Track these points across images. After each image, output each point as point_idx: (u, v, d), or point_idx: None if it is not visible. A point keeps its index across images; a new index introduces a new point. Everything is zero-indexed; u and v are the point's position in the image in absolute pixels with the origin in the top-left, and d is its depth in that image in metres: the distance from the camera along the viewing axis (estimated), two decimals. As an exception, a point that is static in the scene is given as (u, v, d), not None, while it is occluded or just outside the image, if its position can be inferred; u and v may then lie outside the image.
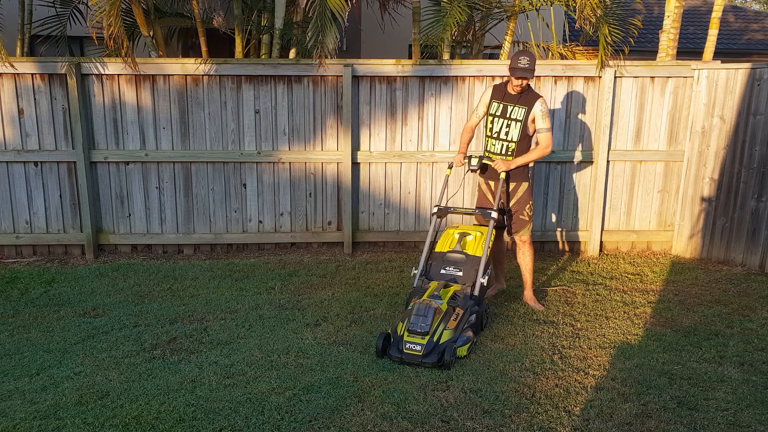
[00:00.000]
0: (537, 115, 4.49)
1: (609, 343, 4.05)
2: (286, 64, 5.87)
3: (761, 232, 5.54)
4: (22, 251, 6.04)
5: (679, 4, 6.46)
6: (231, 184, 6.04)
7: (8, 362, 3.78)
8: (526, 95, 4.52)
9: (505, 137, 4.59)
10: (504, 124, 4.57)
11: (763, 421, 3.11)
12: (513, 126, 4.54)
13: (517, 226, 4.73)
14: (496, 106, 4.60)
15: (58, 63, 5.64)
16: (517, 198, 4.69)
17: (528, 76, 4.37)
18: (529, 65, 4.37)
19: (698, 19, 14.31)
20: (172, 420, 3.07)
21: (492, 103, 4.63)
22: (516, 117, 4.52)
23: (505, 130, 4.57)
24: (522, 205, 4.69)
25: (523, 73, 4.36)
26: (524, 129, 4.53)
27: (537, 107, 4.48)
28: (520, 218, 4.71)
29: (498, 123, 4.60)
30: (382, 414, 3.13)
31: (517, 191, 4.68)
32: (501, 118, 4.58)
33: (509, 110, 4.54)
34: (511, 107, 4.53)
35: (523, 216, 4.71)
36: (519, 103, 4.51)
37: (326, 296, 4.95)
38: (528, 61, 4.37)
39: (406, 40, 8.87)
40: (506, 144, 4.59)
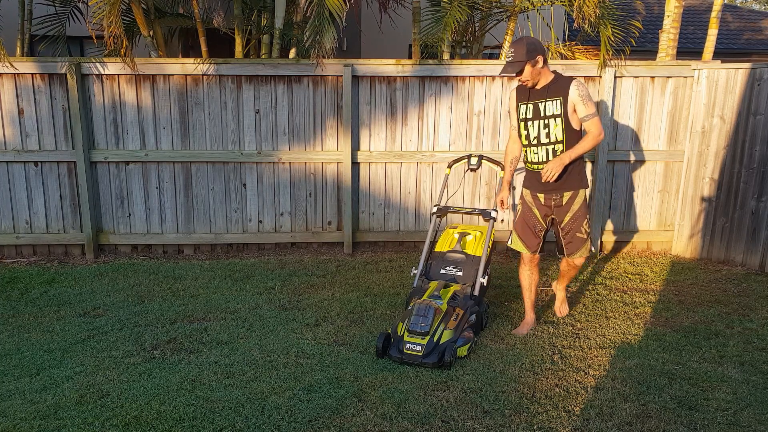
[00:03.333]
0: (576, 102, 3.70)
1: (609, 343, 4.05)
2: (286, 64, 5.87)
3: (761, 232, 5.54)
4: (22, 251, 6.04)
5: (679, 4, 6.46)
6: (231, 184, 6.04)
7: (8, 362, 3.78)
8: (555, 84, 3.76)
9: (548, 140, 3.81)
10: (541, 125, 3.82)
11: (763, 421, 3.11)
12: (553, 124, 3.78)
13: (574, 247, 3.94)
14: (525, 108, 3.86)
15: (58, 63, 5.64)
16: (573, 212, 3.88)
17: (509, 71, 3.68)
18: (513, 57, 3.66)
19: (698, 19, 14.31)
20: (172, 420, 3.06)
21: (520, 107, 3.90)
22: (553, 112, 3.77)
23: (544, 131, 3.80)
24: (579, 221, 3.90)
25: (510, 69, 3.68)
26: (568, 123, 3.75)
27: (573, 92, 3.69)
28: (577, 237, 3.90)
29: (534, 127, 3.84)
30: (382, 414, 3.13)
31: (572, 203, 3.88)
32: (535, 119, 3.83)
33: (542, 107, 3.80)
34: (542, 103, 3.78)
35: (580, 234, 3.91)
36: (550, 95, 3.76)
37: (326, 296, 4.95)
38: (512, 53, 3.67)
39: (406, 40, 8.88)
40: (552, 147, 3.82)
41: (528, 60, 3.65)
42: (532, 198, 3.98)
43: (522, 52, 3.64)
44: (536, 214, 3.99)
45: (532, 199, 3.98)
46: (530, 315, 4.28)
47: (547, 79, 3.77)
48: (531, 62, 3.66)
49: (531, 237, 4.08)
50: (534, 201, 3.97)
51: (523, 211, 4.06)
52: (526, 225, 4.06)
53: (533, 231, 4.06)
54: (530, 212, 4.00)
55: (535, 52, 3.66)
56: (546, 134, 3.80)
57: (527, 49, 3.64)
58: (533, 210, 3.99)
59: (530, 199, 3.99)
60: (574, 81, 3.71)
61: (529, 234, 4.08)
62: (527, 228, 4.06)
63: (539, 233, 4.07)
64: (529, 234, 4.08)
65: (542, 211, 4.00)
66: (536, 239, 4.08)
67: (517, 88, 3.94)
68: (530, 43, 3.67)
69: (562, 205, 3.89)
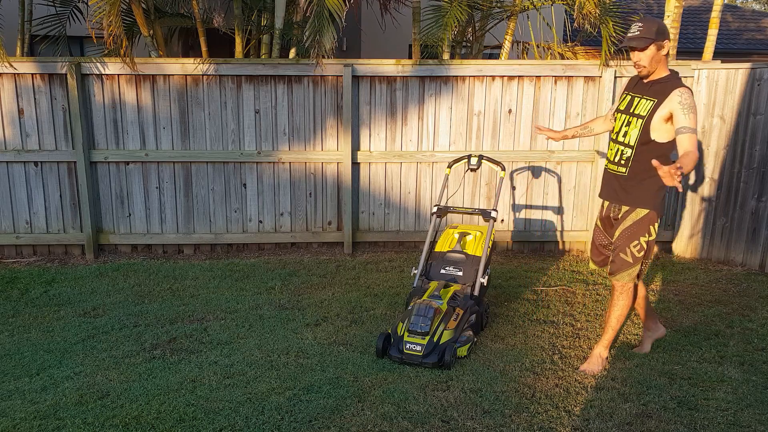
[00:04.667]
0: (676, 110, 3.23)
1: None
2: (286, 64, 5.87)
3: (761, 232, 5.54)
4: (22, 251, 6.04)
5: (679, 4, 6.46)
6: (231, 184, 6.04)
7: (8, 362, 3.78)
8: (661, 83, 3.35)
9: (623, 139, 3.44)
10: (624, 121, 3.45)
11: (763, 421, 3.11)
12: (633, 124, 3.39)
13: (615, 266, 3.53)
14: (624, 98, 3.52)
15: (58, 63, 5.64)
16: (624, 227, 3.48)
17: (634, 44, 3.27)
18: (641, 32, 3.26)
19: (698, 19, 14.32)
20: (172, 420, 3.06)
21: (623, 96, 3.55)
22: (640, 112, 3.37)
23: (624, 129, 3.43)
24: (627, 239, 3.46)
25: (628, 42, 3.29)
26: (646, 130, 3.33)
27: (675, 99, 3.23)
28: (619, 256, 3.49)
29: (620, 120, 3.47)
30: (382, 414, 3.13)
31: (627, 218, 3.47)
32: (624, 113, 3.46)
33: (635, 103, 3.40)
34: (638, 99, 3.40)
35: (624, 255, 3.47)
36: (648, 93, 3.36)
37: (326, 296, 4.95)
38: (639, 27, 3.28)
39: (406, 40, 8.88)
40: (621, 149, 3.45)
41: (656, 40, 3.26)
42: (600, 206, 3.70)
43: (652, 29, 3.26)
44: (599, 224, 3.71)
45: (600, 208, 3.70)
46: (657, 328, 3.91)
47: (659, 74, 3.38)
48: (657, 44, 3.28)
49: (595, 251, 3.82)
50: (600, 209, 3.69)
51: (595, 223, 3.80)
52: (592, 238, 3.85)
53: (596, 244, 3.79)
54: (597, 224, 3.74)
55: (664, 36, 3.29)
56: (624, 132, 3.43)
57: (658, 28, 3.27)
58: (598, 221, 3.72)
59: (599, 208, 3.72)
60: (681, 87, 3.26)
61: (593, 248, 3.83)
62: (593, 240, 3.82)
63: (602, 248, 3.74)
64: (593, 248, 3.83)
65: (605, 221, 3.68)
66: (600, 254, 3.77)
67: (631, 78, 3.58)
68: (662, 24, 3.32)
69: (618, 218, 3.53)
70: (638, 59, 3.33)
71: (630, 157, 3.41)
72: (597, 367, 3.63)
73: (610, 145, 3.55)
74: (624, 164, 3.44)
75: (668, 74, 3.38)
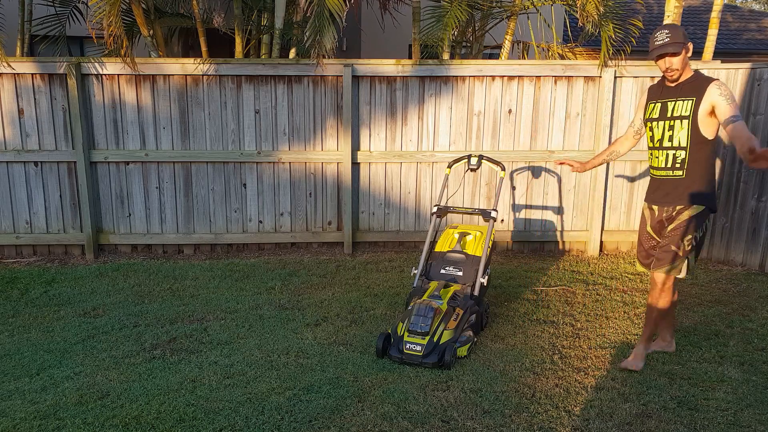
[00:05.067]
0: (718, 103, 3.25)
1: (609, 343, 4.05)
2: (286, 64, 5.87)
3: (761, 232, 5.54)
4: (22, 251, 6.04)
5: (679, 4, 6.45)
6: (231, 184, 6.04)
7: (8, 362, 3.78)
8: (691, 83, 3.39)
9: (670, 144, 3.43)
10: (666, 126, 3.44)
11: (763, 421, 3.11)
12: (678, 126, 3.39)
13: (660, 260, 3.51)
14: (653, 107, 3.53)
15: (58, 63, 5.64)
16: (676, 223, 3.47)
17: (670, 51, 3.30)
18: (671, 38, 3.29)
19: (698, 19, 14.31)
20: (172, 420, 3.06)
21: (648, 106, 3.58)
22: (681, 113, 3.39)
23: (668, 134, 3.43)
24: (678, 234, 3.45)
25: (663, 49, 3.30)
26: (695, 129, 3.35)
27: (713, 92, 3.27)
28: (670, 248, 3.46)
29: (659, 128, 3.48)
30: (382, 414, 3.13)
31: (680, 215, 3.46)
32: (661, 120, 3.47)
33: (670, 107, 3.43)
34: (672, 103, 3.43)
35: (675, 246, 3.45)
36: (682, 94, 3.39)
37: (326, 296, 4.95)
38: (667, 33, 3.31)
39: (406, 40, 8.88)
40: (673, 153, 3.43)
41: (685, 43, 3.33)
42: (648, 211, 3.66)
43: (680, 34, 3.31)
44: (649, 230, 3.65)
45: (648, 212, 3.65)
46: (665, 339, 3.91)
47: (686, 75, 3.42)
48: (686, 48, 3.34)
49: (644, 254, 3.78)
50: (649, 214, 3.64)
51: (640, 228, 3.77)
52: (640, 242, 3.79)
53: (644, 247, 3.75)
54: (644, 228, 3.71)
55: (688, 39, 3.36)
56: (670, 137, 3.43)
57: (683, 32, 3.33)
58: (647, 225, 3.67)
59: (646, 212, 3.67)
60: (715, 81, 3.30)
61: (641, 251, 3.79)
62: (640, 245, 3.79)
63: (651, 250, 3.69)
64: (641, 251, 3.79)
65: (656, 226, 3.62)
66: (648, 257, 3.73)
67: (650, 88, 3.64)
68: (683, 30, 3.38)
69: (672, 216, 3.51)
70: (670, 65, 3.36)
71: (685, 158, 3.42)
72: (639, 362, 3.65)
73: (655, 153, 3.53)
74: (680, 167, 3.44)
75: (694, 74, 3.43)
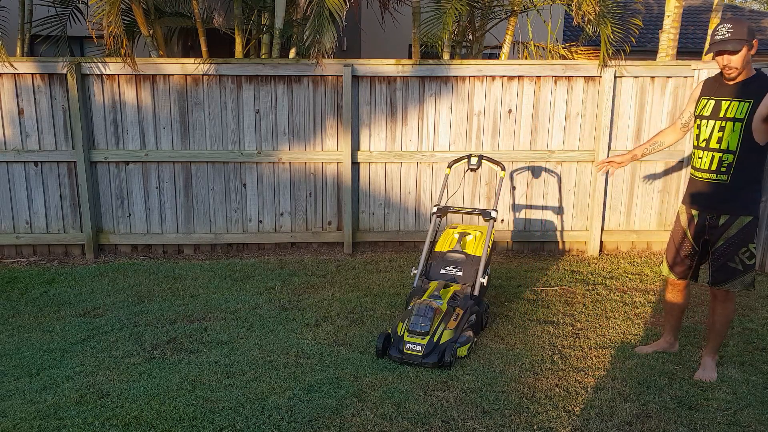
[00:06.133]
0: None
1: (609, 343, 4.05)
2: (286, 64, 5.87)
3: (761, 232, 5.54)
4: (22, 251, 6.04)
5: (679, 4, 6.46)
6: (231, 184, 6.04)
7: (8, 362, 3.78)
8: (752, 83, 3.20)
9: (718, 146, 3.26)
10: (716, 127, 3.27)
11: (763, 421, 3.11)
12: (729, 128, 3.22)
13: (722, 275, 3.36)
14: (705, 104, 3.34)
15: (58, 63, 5.64)
16: (728, 235, 3.31)
17: (729, 48, 3.12)
18: (732, 34, 3.10)
19: (698, 19, 14.32)
20: (172, 420, 3.07)
21: (700, 102, 3.38)
22: (735, 115, 3.20)
23: (717, 135, 3.26)
24: (734, 248, 3.31)
25: (722, 45, 3.13)
26: (748, 133, 3.16)
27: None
28: (728, 266, 3.33)
29: (707, 127, 3.30)
30: (382, 414, 3.13)
31: (729, 227, 3.31)
32: (712, 119, 3.29)
33: (724, 106, 3.24)
34: (726, 103, 3.24)
35: (733, 263, 3.31)
36: (740, 95, 3.19)
37: (326, 296, 4.95)
38: (729, 28, 3.12)
39: (406, 40, 8.88)
40: (720, 156, 3.26)
41: (749, 40, 3.12)
42: (686, 215, 3.48)
43: (744, 30, 3.10)
44: (687, 233, 3.48)
45: (686, 217, 3.48)
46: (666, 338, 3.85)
47: (747, 74, 3.23)
48: (749, 45, 3.14)
49: (677, 260, 3.60)
50: (687, 218, 3.47)
51: (674, 231, 3.59)
52: (673, 246, 3.59)
53: (680, 254, 3.56)
54: (680, 231, 3.52)
55: (754, 36, 3.13)
56: (718, 139, 3.24)
57: (749, 28, 3.11)
58: (685, 229, 3.48)
59: (684, 217, 3.50)
60: None
61: (674, 256, 3.60)
62: (675, 251, 3.58)
63: (686, 258, 3.55)
64: (674, 256, 3.60)
65: (695, 229, 3.46)
66: (682, 265, 3.58)
67: (705, 81, 3.45)
68: (751, 25, 3.18)
69: (717, 227, 3.34)
70: (728, 62, 3.18)
71: (732, 163, 3.24)
72: (713, 373, 3.54)
73: (698, 153, 3.37)
74: (725, 171, 3.26)
75: (756, 73, 3.25)
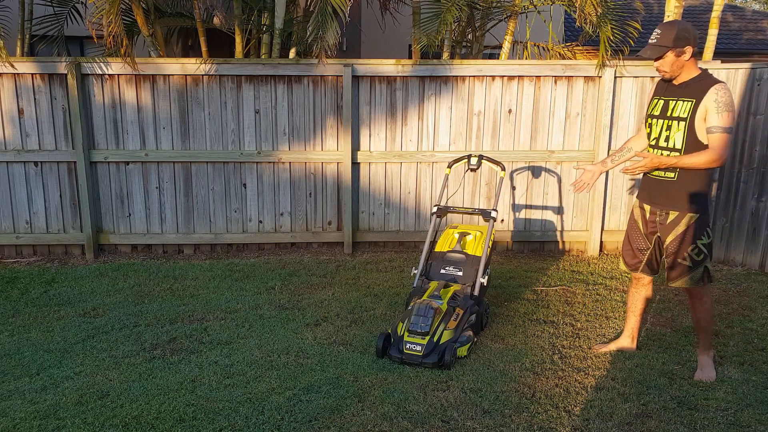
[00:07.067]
0: (710, 108, 3.15)
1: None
2: (286, 64, 5.87)
3: (761, 232, 5.54)
4: (22, 251, 6.04)
5: (679, 4, 6.45)
6: (231, 184, 6.04)
7: (8, 362, 3.78)
8: (695, 83, 3.26)
9: (666, 144, 3.34)
10: (664, 126, 3.36)
11: (763, 421, 3.11)
12: (675, 127, 3.30)
13: (675, 273, 3.45)
14: (656, 103, 3.43)
15: (58, 63, 5.64)
16: (676, 234, 3.39)
17: (646, 55, 3.26)
18: (658, 40, 3.21)
19: (698, 19, 14.30)
20: (172, 420, 3.07)
21: (653, 101, 3.47)
22: (679, 114, 3.28)
23: (665, 134, 3.34)
24: (684, 245, 3.38)
25: (642, 52, 3.28)
26: (692, 132, 3.24)
27: (711, 96, 3.16)
28: (677, 262, 3.42)
29: (657, 126, 3.38)
30: (382, 414, 3.13)
31: (677, 225, 3.38)
32: (660, 118, 3.38)
33: (671, 106, 3.32)
34: (673, 102, 3.32)
35: (682, 260, 3.40)
36: (684, 95, 3.27)
37: (326, 296, 4.95)
38: (657, 34, 3.23)
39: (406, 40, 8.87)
40: (668, 154, 3.35)
41: (673, 47, 3.20)
42: (639, 209, 3.58)
43: (669, 36, 3.18)
44: (640, 228, 3.58)
45: (639, 211, 3.58)
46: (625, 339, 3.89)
47: (689, 75, 3.29)
48: (676, 51, 3.21)
49: (630, 254, 3.68)
50: (640, 213, 3.57)
51: (629, 225, 3.67)
52: (628, 240, 3.69)
53: (633, 248, 3.66)
54: (635, 226, 3.61)
55: (686, 41, 3.19)
56: (666, 137, 3.33)
57: (677, 35, 3.17)
58: (638, 224, 3.58)
59: (637, 211, 3.59)
60: (718, 84, 3.17)
61: (628, 250, 3.69)
62: (628, 244, 3.69)
63: (640, 252, 3.63)
64: (628, 250, 3.69)
65: (647, 227, 3.56)
66: (635, 258, 3.66)
67: (658, 82, 3.51)
68: (682, 29, 3.20)
69: (665, 224, 3.42)
70: (659, 65, 3.29)
71: None
72: (710, 372, 3.54)
73: (651, 152, 3.44)
74: (673, 169, 3.33)
75: (701, 73, 3.30)
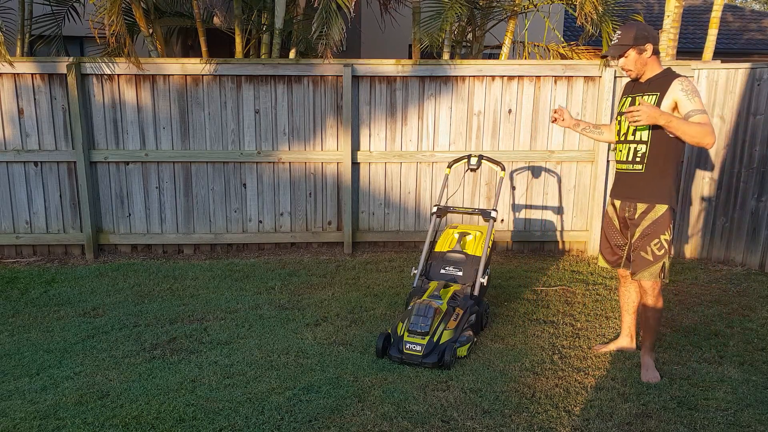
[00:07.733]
0: (680, 98, 3.26)
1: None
2: (286, 64, 5.87)
3: (761, 232, 5.54)
4: (22, 251, 6.04)
5: (679, 4, 6.45)
6: (231, 184, 6.04)
7: (8, 362, 3.78)
8: (658, 79, 3.39)
9: (633, 137, 3.46)
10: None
11: (763, 421, 3.11)
12: None
13: (636, 266, 3.49)
14: (624, 101, 3.57)
15: (58, 63, 5.64)
16: (643, 226, 3.45)
17: (609, 54, 3.44)
18: (619, 40, 3.38)
19: (698, 19, 14.31)
20: (172, 420, 3.06)
21: (621, 100, 3.62)
22: None
23: (632, 128, 3.46)
24: (648, 238, 3.43)
25: (612, 51, 3.41)
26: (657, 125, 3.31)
27: (676, 88, 3.27)
28: (641, 256, 3.45)
29: (625, 122, 3.49)
30: (382, 414, 3.13)
31: (646, 216, 3.44)
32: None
33: (637, 102, 3.41)
34: (639, 98, 3.44)
35: (645, 253, 3.44)
36: (649, 89, 3.41)
37: (326, 296, 4.95)
38: (618, 35, 3.40)
39: (406, 40, 8.87)
40: (634, 147, 3.45)
41: (634, 45, 3.34)
42: (611, 206, 3.66)
43: (630, 36, 3.34)
44: (615, 225, 3.65)
45: (612, 208, 3.66)
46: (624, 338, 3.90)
47: (653, 72, 3.43)
48: (637, 49, 3.36)
49: (609, 251, 3.75)
50: (613, 208, 3.65)
51: (605, 222, 3.76)
52: (605, 238, 3.77)
53: (611, 245, 3.72)
54: (610, 223, 3.69)
55: (645, 39, 3.34)
56: (633, 131, 3.45)
57: (636, 34, 3.33)
58: (613, 221, 3.66)
59: (610, 208, 3.67)
60: (680, 77, 3.30)
61: (607, 248, 3.76)
62: (606, 241, 3.76)
63: (618, 249, 3.70)
64: (607, 248, 3.76)
65: (619, 219, 3.63)
66: (615, 255, 3.72)
67: (627, 83, 3.65)
68: (641, 29, 3.36)
69: (634, 218, 3.49)
70: (624, 64, 3.44)
71: (645, 152, 3.41)
72: (654, 372, 3.54)
73: (620, 147, 3.56)
74: (640, 161, 3.44)
75: (664, 70, 3.43)
